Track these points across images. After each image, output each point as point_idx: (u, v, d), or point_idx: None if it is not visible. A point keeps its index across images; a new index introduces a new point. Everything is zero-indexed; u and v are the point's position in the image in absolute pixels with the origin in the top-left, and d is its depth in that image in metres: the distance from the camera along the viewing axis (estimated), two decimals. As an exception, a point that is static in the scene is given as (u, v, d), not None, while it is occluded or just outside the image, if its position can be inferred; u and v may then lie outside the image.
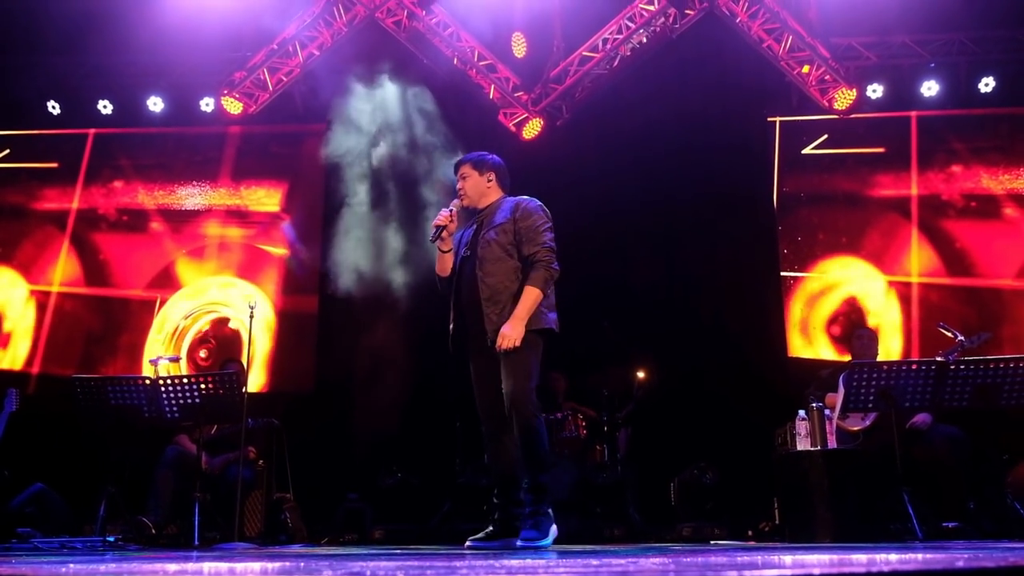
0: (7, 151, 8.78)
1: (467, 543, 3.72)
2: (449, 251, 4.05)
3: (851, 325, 7.52)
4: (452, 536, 5.82)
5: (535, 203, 4.06)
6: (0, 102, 8.60)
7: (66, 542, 4.72)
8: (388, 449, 7.10)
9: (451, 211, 4.03)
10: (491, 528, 3.85)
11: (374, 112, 7.52)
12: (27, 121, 8.67)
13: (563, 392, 6.97)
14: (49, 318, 8.30)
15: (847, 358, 6.26)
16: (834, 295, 7.83)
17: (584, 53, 7.59)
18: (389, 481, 6.72)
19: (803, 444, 4.95)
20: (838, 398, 5.44)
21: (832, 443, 4.98)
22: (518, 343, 3.78)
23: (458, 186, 4.16)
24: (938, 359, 4.92)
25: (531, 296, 3.86)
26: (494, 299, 3.87)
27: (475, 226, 4.11)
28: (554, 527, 3.75)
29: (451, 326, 4.04)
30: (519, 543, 3.67)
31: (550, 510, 3.78)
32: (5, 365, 8.19)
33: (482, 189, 4.14)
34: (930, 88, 7.77)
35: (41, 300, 8.36)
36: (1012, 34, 7.68)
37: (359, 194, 7.68)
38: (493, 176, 4.16)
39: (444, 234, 3.99)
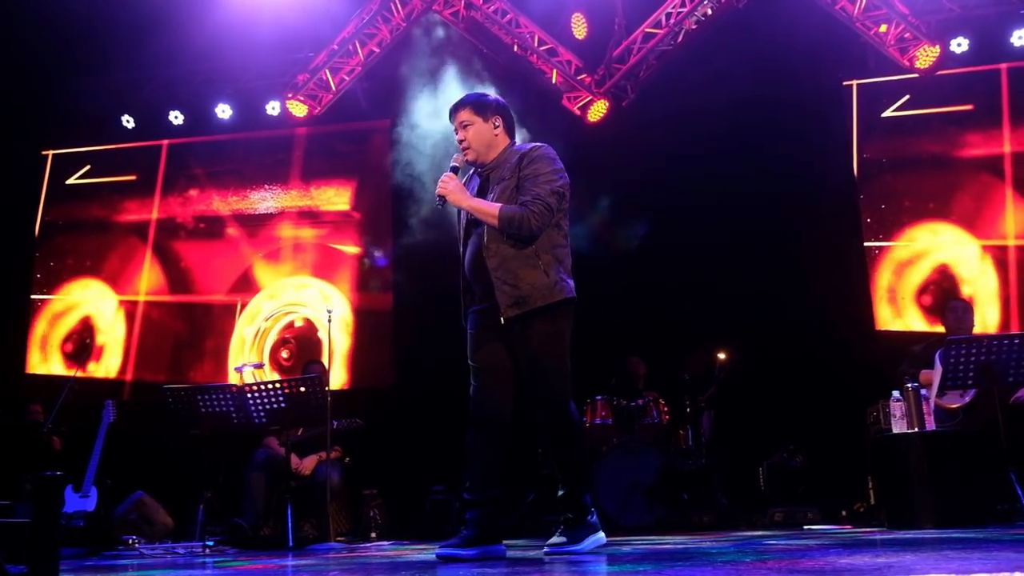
0: (88, 167, 9.13)
1: (437, 552, 3.15)
2: None
3: (943, 294, 7.20)
4: (536, 528, 5.82)
5: (544, 150, 3.38)
6: (78, 119, 8.94)
7: (169, 548, 4.88)
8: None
9: (453, 169, 3.42)
10: (467, 533, 3.21)
11: (437, 105, 7.51)
12: (104, 136, 9.00)
13: (643, 377, 6.87)
14: (138, 327, 8.62)
15: (940, 329, 5.99)
16: (923, 263, 7.50)
17: (647, 30, 7.41)
18: (473, 474, 6.74)
19: (899, 426, 4.74)
20: (934, 375, 5.21)
21: (930, 424, 4.77)
22: (445, 192, 3.32)
23: (459, 137, 3.44)
24: (1042, 329, 4.67)
25: (489, 209, 3.25)
26: (505, 267, 3.23)
27: (479, 183, 3.48)
28: (598, 536, 3.25)
29: (462, 300, 3.49)
30: (547, 549, 3.15)
31: (594, 519, 3.29)
32: (100, 374, 8.53)
33: (488, 138, 3.41)
34: (1021, 38, 7.31)
35: (129, 310, 8.68)
36: (1109, -28, 7.17)
37: (427, 187, 7.69)
38: (500, 121, 3.44)
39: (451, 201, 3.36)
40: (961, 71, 7.49)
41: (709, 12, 7.24)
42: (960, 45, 7.39)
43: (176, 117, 8.73)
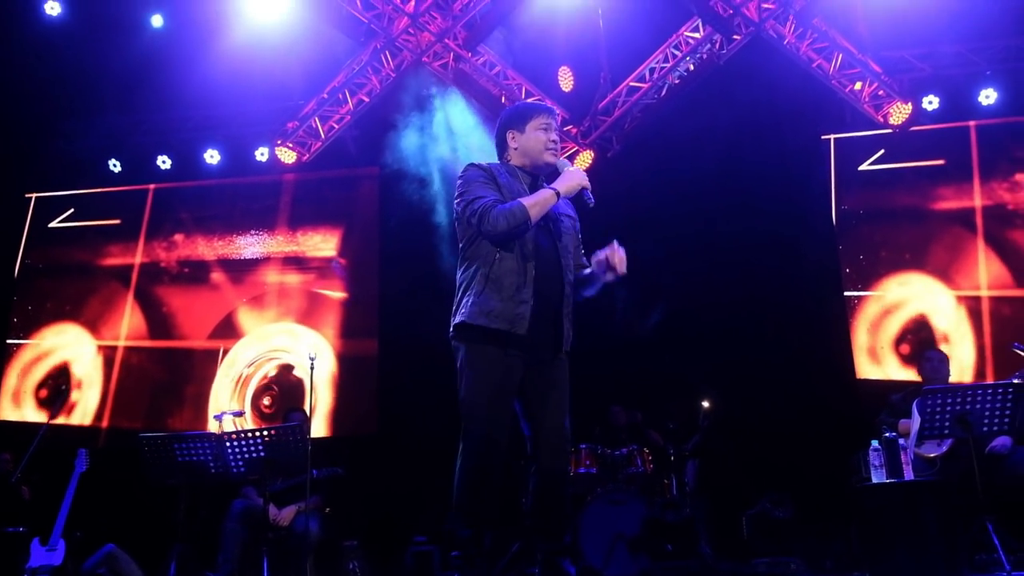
0: (71, 210, 9.11)
1: None
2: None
3: (920, 344, 7.30)
4: (520, 580, 5.76)
5: None
6: (64, 163, 8.95)
7: (140, 603, 4.77)
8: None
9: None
10: None
11: (426, 152, 7.62)
12: (90, 180, 9.01)
13: (625, 427, 6.87)
14: (116, 372, 8.53)
15: (918, 378, 6.07)
16: (901, 313, 7.61)
17: (631, 83, 7.58)
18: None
19: (878, 476, 4.78)
20: (912, 424, 5.27)
21: (908, 473, 4.80)
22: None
23: (554, 138, 3.29)
24: (1015, 380, 4.73)
25: None
26: (570, 300, 3.20)
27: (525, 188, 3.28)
28: None
29: (528, 306, 3.05)
30: None
31: None
32: (75, 421, 8.42)
33: None
34: (988, 96, 7.57)
35: (108, 355, 8.61)
36: (1070, 36, 7.45)
37: (415, 234, 7.75)
38: None
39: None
40: (932, 127, 7.72)
41: (691, 68, 7.42)
42: (931, 103, 7.62)
43: (164, 162, 8.77)
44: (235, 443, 4.84)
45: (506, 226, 3.02)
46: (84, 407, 8.47)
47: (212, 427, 7.53)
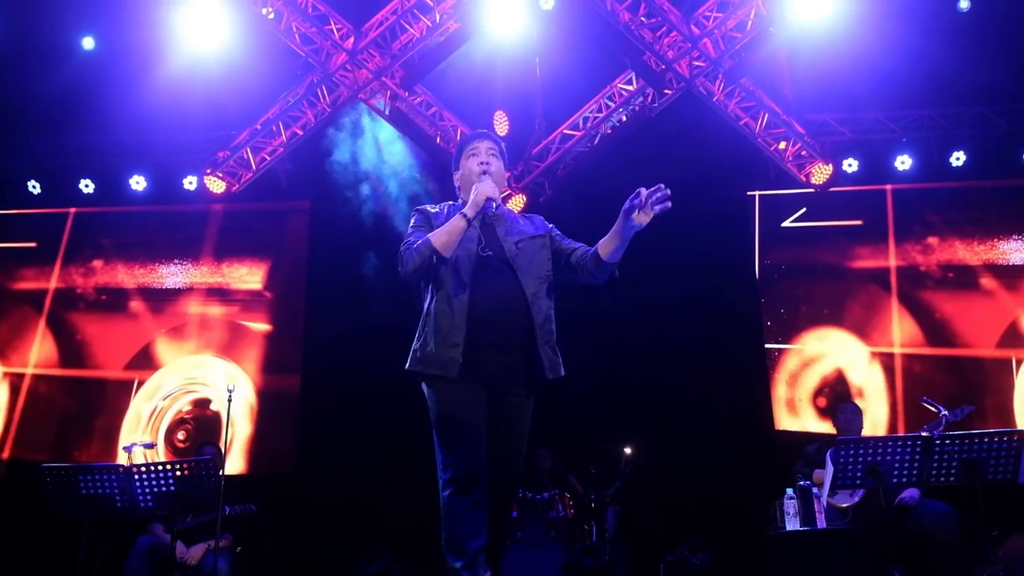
0: (-16, 231, 8.75)
1: None
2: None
3: (836, 397, 7.51)
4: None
5: None
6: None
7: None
8: (371, 531, 6.92)
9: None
10: None
11: (357, 188, 7.61)
12: (6, 201, 8.66)
13: (548, 471, 6.86)
14: (22, 401, 8.14)
15: (834, 430, 6.22)
16: (818, 367, 7.83)
17: (565, 131, 7.72)
18: (373, 567, 6.52)
19: (792, 524, 4.87)
20: (826, 475, 5.39)
21: (821, 522, 4.90)
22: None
23: (483, 160, 3.20)
24: (923, 434, 4.89)
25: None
26: (547, 326, 3.07)
27: (478, 221, 3.10)
28: None
29: (459, 349, 2.95)
30: None
31: None
32: (-27, 452, 8.00)
33: (502, 182, 3.28)
34: (904, 162, 7.94)
35: (14, 382, 8.22)
36: (979, 109, 7.90)
37: (344, 269, 7.68)
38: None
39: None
40: (851, 189, 8.04)
41: (624, 119, 7.60)
42: (851, 165, 7.95)
43: (87, 185, 8.48)
44: (144, 476, 4.67)
45: (412, 266, 2.99)
46: (-16, 437, 8.05)
47: (121, 459, 7.23)
